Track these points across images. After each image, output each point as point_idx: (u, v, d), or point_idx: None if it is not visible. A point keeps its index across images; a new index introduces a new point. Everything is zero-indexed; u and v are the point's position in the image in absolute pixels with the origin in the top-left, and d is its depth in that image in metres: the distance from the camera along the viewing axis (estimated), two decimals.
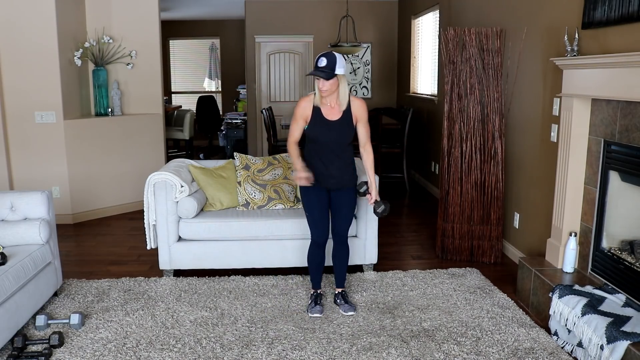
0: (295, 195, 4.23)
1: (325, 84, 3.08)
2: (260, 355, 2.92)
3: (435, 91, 6.79)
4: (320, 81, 3.08)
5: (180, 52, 12.15)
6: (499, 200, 4.33)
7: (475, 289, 3.77)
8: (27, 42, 5.13)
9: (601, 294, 3.02)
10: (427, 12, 7.16)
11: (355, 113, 3.22)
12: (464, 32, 4.26)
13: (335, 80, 3.09)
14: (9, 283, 2.90)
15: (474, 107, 4.28)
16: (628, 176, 3.09)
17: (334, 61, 3.05)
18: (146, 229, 4.02)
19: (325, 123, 3.19)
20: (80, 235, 5.16)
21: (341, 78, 3.12)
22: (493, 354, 2.94)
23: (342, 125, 3.21)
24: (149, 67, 5.99)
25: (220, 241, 3.91)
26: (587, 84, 3.21)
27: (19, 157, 5.29)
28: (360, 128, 3.27)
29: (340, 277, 3.56)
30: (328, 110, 3.20)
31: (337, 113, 3.20)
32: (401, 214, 6.01)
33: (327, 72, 3.04)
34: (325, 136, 3.21)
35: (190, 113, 9.57)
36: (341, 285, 3.56)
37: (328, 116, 3.20)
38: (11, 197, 3.47)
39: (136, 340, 3.08)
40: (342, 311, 3.42)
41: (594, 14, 3.19)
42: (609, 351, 2.59)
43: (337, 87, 3.13)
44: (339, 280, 3.56)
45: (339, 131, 3.21)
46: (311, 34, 8.81)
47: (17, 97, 5.20)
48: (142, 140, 5.95)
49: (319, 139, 3.23)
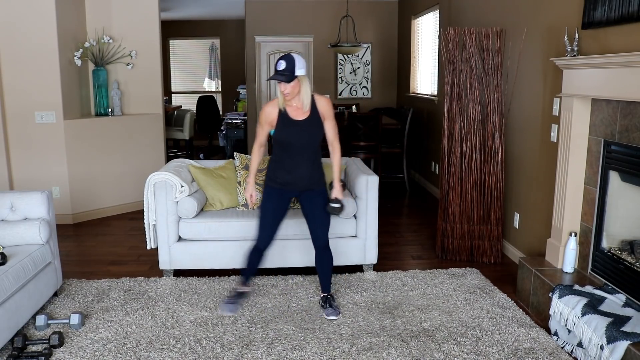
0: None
1: (286, 87, 3.05)
2: (260, 355, 2.92)
3: (435, 91, 6.79)
4: (281, 85, 3.06)
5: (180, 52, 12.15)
6: (499, 200, 4.33)
7: (475, 289, 3.77)
8: (27, 42, 5.14)
9: (601, 294, 3.02)
10: (427, 12, 7.17)
11: (321, 111, 3.20)
12: (464, 32, 4.26)
13: (297, 82, 3.06)
14: (9, 283, 2.90)
15: (474, 107, 4.28)
16: (628, 176, 3.09)
17: (293, 63, 3.02)
18: (146, 229, 4.02)
19: (293, 124, 3.17)
20: (80, 235, 5.16)
21: (302, 79, 3.09)
22: (493, 354, 2.94)
23: (310, 125, 3.19)
24: (149, 67, 5.99)
25: (221, 241, 3.91)
26: (587, 84, 3.21)
27: (19, 157, 5.29)
28: (327, 125, 3.23)
29: (326, 282, 3.50)
30: (294, 112, 3.18)
31: (303, 113, 3.18)
32: (401, 214, 6.01)
33: (287, 75, 3.02)
34: (294, 137, 3.19)
35: (190, 113, 9.58)
36: (327, 289, 3.51)
37: (295, 117, 3.18)
38: (11, 197, 3.47)
39: (136, 340, 3.08)
40: (324, 315, 3.37)
41: (594, 14, 3.19)
42: (609, 351, 2.59)
43: (299, 88, 3.10)
44: (324, 285, 3.50)
45: (308, 131, 3.19)
46: (311, 34, 8.81)
47: (17, 97, 5.20)
48: (142, 140, 5.95)
49: (288, 141, 3.20)
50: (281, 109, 3.18)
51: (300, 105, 3.17)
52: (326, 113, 3.22)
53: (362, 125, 6.50)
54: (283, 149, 3.24)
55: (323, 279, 3.50)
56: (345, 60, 8.94)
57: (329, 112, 3.23)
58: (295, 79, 3.04)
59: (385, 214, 5.48)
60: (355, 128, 6.55)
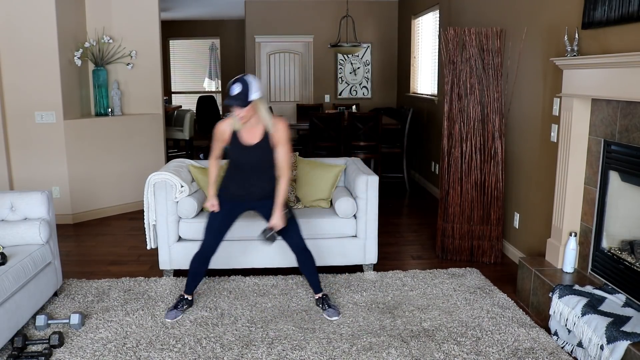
0: (295, 195, 4.23)
1: (241, 112, 3.01)
2: (260, 355, 2.92)
3: (435, 91, 6.79)
4: (236, 109, 3.01)
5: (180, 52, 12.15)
6: (499, 200, 4.33)
7: (475, 289, 3.77)
8: (27, 42, 5.14)
9: (601, 294, 3.02)
10: (427, 12, 7.17)
11: (275, 136, 3.15)
12: (464, 32, 4.26)
13: (252, 106, 3.01)
14: (9, 283, 2.90)
15: (474, 107, 4.28)
16: (628, 176, 3.09)
17: (248, 87, 2.95)
18: (146, 229, 4.03)
19: (242, 148, 3.16)
20: (80, 235, 5.16)
21: (258, 103, 3.04)
22: (493, 354, 2.94)
23: (260, 149, 3.16)
24: (149, 67, 5.99)
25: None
26: (587, 84, 3.21)
27: (19, 157, 5.29)
28: (279, 151, 3.17)
29: (314, 283, 3.48)
30: (247, 134, 3.14)
31: (257, 136, 3.14)
32: (401, 214, 6.01)
33: (241, 100, 2.97)
34: (245, 159, 3.20)
35: (190, 113, 9.58)
36: (318, 290, 3.48)
37: (246, 140, 3.14)
38: (11, 197, 3.47)
39: (136, 340, 3.08)
40: (326, 316, 3.35)
41: (594, 14, 3.19)
42: (609, 351, 2.59)
43: (255, 112, 3.06)
44: (314, 287, 3.49)
45: (257, 155, 3.17)
46: (311, 34, 8.81)
47: (17, 97, 5.20)
48: (142, 140, 5.95)
49: (239, 161, 3.22)
50: (235, 130, 3.15)
51: (257, 127, 3.12)
52: (279, 139, 3.15)
53: (362, 125, 6.50)
54: (235, 166, 3.25)
55: (311, 281, 3.49)
56: (345, 60, 8.94)
57: (283, 138, 3.15)
58: (250, 103, 2.99)
59: (385, 214, 5.48)
60: (355, 128, 6.55)
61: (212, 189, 3.33)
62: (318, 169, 4.28)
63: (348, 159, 4.56)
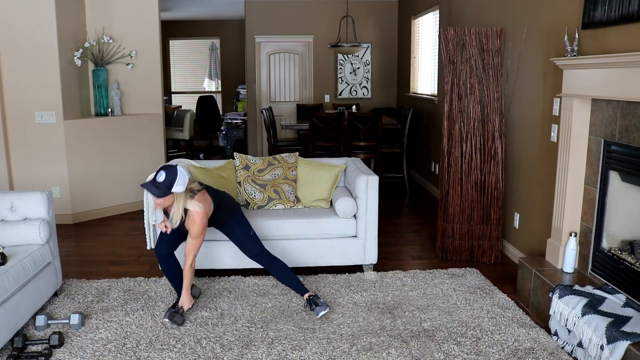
0: (295, 195, 4.23)
1: (157, 201, 3.01)
2: (260, 355, 2.92)
3: (435, 91, 6.79)
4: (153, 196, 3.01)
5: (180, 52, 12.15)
6: (499, 200, 4.33)
7: (475, 289, 3.77)
8: (27, 42, 5.14)
9: (601, 294, 3.01)
10: (427, 12, 7.17)
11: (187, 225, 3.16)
12: (464, 32, 4.26)
13: (171, 197, 3.01)
14: (9, 283, 2.90)
15: (474, 107, 4.28)
16: (628, 176, 3.09)
17: (174, 179, 2.96)
18: (146, 229, 4.03)
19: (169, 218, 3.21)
20: (80, 235, 5.16)
21: (178, 196, 3.04)
22: (493, 354, 2.94)
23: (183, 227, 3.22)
24: (149, 67, 5.99)
25: (221, 241, 3.90)
26: (587, 84, 3.21)
27: (19, 157, 5.29)
28: (187, 239, 3.22)
29: (296, 287, 3.49)
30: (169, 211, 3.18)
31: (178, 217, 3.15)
32: (401, 214, 6.01)
33: (161, 190, 2.96)
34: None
35: (190, 113, 9.58)
36: (303, 291, 3.48)
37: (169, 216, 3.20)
38: (11, 197, 3.47)
39: (136, 340, 3.08)
40: (315, 315, 3.35)
41: (594, 14, 3.19)
42: (609, 351, 2.59)
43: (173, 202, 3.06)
44: (298, 290, 3.49)
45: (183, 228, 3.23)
46: (311, 34, 8.81)
47: (17, 97, 5.20)
48: (142, 140, 5.95)
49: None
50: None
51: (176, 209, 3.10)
52: (190, 231, 3.17)
53: (362, 125, 6.50)
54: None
55: (292, 286, 3.50)
56: (345, 60, 8.94)
57: (192, 230, 3.15)
58: (171, 194, 3.00)
59: (385, 214, 5.48)
60: (355, 128, 6.55)
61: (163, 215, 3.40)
62: (318, 169, 4.28)
63: (348, 159, 4.56)
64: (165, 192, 2.97)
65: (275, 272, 3.51)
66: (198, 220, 3.13)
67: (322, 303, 3.39)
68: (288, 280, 3.51)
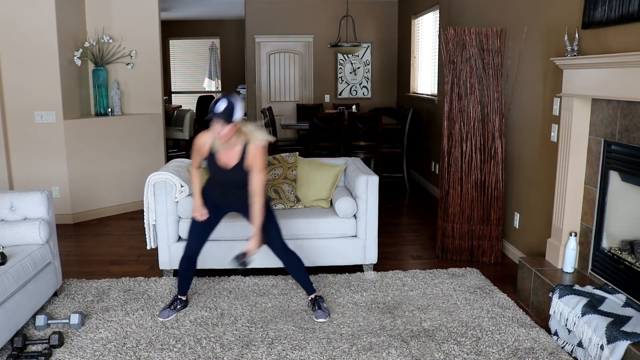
0: (295, 195, 4.23)
1: (224, 129, 2.97)
2: (260, 355, 2.92)
3: (435, 91, 6.79)
4: (217, 127, 2.97)
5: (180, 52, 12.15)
6: (499, 200, 4.33)
7: (475, 289, 3.77)
8: (27, 42, 5.13)
9: (601, 294, 3.01)
10: (427, 12, 7.16)
11: (249, 161, 3.12)
12: (464, 32, 4.26)
13: (234, 125, 2.99)
14: (8, 283, 2.90)
15: (474, 107, 4.28)
16: (628, 176, 3.09)
17: (233, 107, 2.94)
18: (146, 229, 4.02)
19: (218, 169, 3.17)
20: (80, 235, 5.16)
21: (240, 124, 3.04)
22: (493, 354, 2.93)
23: (235, 173, 3.15)
24: (149, 67, 5.99)
25: (221, 241, 3.91)
26: (587, 84, 3.20)
27: (19, 157, 5.28)
28: (252, 177, 3.12)
29: (305, 284, 3.47)
30: (224, 156, 3.13)
31: (234, 160, 3.12)
32: (401, 214, 6.01)
33: (226, 116, 2.93)
34: (220, 177, 3.22)
35: (190, 113, 9.58)
36: (311, 291, 3.47)
37: (223, 163, 3.14)
38: (11, 197, 3.47)
39: (136, 340, 3.08)
40: (314, 318, 3.33)
41: (594, 13, 3.19)
42: (609, 351, 2.59)
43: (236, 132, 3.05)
44: (306, 288, 3.48)
45: (233, 176, 3.17)
46: (311, 34, 8.81)
47: (17, 97, 5.20)
48: (142, 140, 5.95)
49: (215, 176, 3.25)
50: (212, 150, 3.15)
51: (234, 150, 3.11)
52: (253, 165, 3.12)
53: (362, 125, 6.50)
54: (213, 178, 3.28)
55: (301, 283, 3.49)
56: (345, 60, 8.94)
57: (257, 164, 3.10)
58: (233, 122, 2.98)
59: (385, 214, 5.48)
60: (355, 128, 6.55)
61: (199, 199, 3.31)
62: (318, 169, 4.28)
63: (348, 159, 4.56)
64: (230, 119, 2.95)
65: (289, 265, 3.44)
66: (260, 151, 3.11)
67: (326, 309, 3.38)
68: (299, 275, 3.46)
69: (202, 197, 3.31)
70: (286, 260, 3.42)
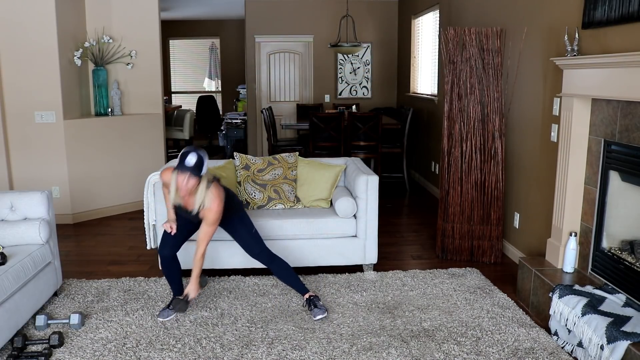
0: (295, 195, 4.23)
1: (190, 182, 3.00)
2: (260, 355, 2.92)
3: (435, 91, 6.79)
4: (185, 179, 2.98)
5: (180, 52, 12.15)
6: (499, 200, 4.32)
7: (475, 289, 3.77)
8: (27, 42, 5.13)
9: (601, 294, 3.01)
10: (427, 12, 7.16)
11: (202, 213, 3.17)
12: (464, 32, 4.26)
13: (198, 180, 3.03)
14: (8, 283, 2.90)
15: (474, 107, 4.28)
16: (628, 176, 3.09)
17: (202, 162, 3.01)
18: (146, 229, 4.03)
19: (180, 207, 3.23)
20: (80, 235, 5.16)
21: (202, 179, 3.07)
22: (493, 354, 2.93)
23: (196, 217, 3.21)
24: (149, 67, 5.99)
25: (221, 241, 3.90)
26: (587, 84, 3.20)
27: (19, 157, 5.29)
28: (201, 227, 3.22)
29: (297, 287, 3.49)
30: (184, 201, 3.17)
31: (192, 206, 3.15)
32: (401, 214, 6.01)
33: (196, 171, 2.99)
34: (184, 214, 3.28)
35: (190, 113, 9.58)
36: (304, 292, 3.47)
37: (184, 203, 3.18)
38: (11, 197, 3.47)
39: (136, 340, 3.08)
40: (312, 316, 3.33)
41: (594, 13, 3.19)
42: (609, 351, 2.59)
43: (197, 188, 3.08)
44: (299, 290, 3.49)
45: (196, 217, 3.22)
46: (311, 34, 8.81)
47: (17, 97, 5.20)
48: (142, 140, 5.95)
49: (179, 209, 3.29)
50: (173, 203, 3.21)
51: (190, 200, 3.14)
52: (206, 218, 3.18)
53: (362, 125, 6.50)
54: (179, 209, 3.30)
55: (293, 285, 3.50)
56: (345, 60, 8.94)
57: (208, 218, 3.17)
58: (199, 177, 3.03)
59: (385, 214, 5.48)
60: (355, 128, 6.55)
61: (171, 214, 3.39)
62: (318, 169, 4.28)
63: (348, 159, 4.56)
64: (198, 174, 3.01)
65: (277, 271, 3.51)
66: (215, 208, 3.15)
67: (322, 306, 3.38)
68: (289, 279, 3.50)
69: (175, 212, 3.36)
70: (274, 268, 3.50)
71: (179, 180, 3.01)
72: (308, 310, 3.42)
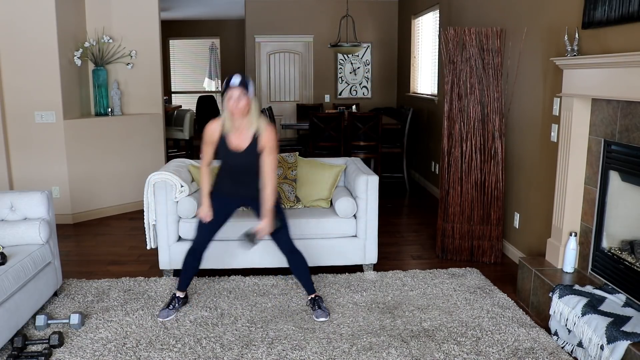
0: (295, 195, 4.23)
1: (242, 100, 3.00)
2: (260, 355, 2.92)
3: (435, 91, 6.79)
4: (233, 99, 3.00)
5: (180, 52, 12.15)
6: (499, 200, 4.32)
7: (475, 289, 3.77)
8: (27, 42, 5.13)
9: (601, 294, 3.01)
10: (427, 12, 7.17)
11: (262, 143, 3.12)
12: (464, 32, 4.26)
13: (249, 100, 3.04)
14: (8, 283, 2.90)
15: (474, 107, 4.28)
16: (628, 176, 3.09)
17: (247, 81, 3.05)
18: (146, 229, 4.03)
19: (229, 153, 3.16)
20: (80, 235, 5.16)
21: (252, 101, 3.08)
22: (493, 354, 2.93)
23: (248, 155, 3.15)
24: (149, 67, 5.99)
25: (220, 241, 3.90)
26: (587, 84, 3.20)
27: (19, 157, 5.28)
28: (264, 158, 3.14)
29: (306, 284, 3.47)
30: (236, 139, 3.13)
31: (245, 142, 3.12)
32: (401, 214, 6.01)
33: (245, 87, 3.02)
34: (233, 162, 3.20)
35: (190, 113, 9.58)
36: (311, 291, 3.46)
37: (234, 146, 3.13)
38: (11, 197, 3.47)
39: (136, 340, 3.08)
40: (314, 317, 3.33)
41: (594, 13, 3.19)
42: (609, 351, 2.59)
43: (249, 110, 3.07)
44: (306, 288, 3.47)
45: (245, 160, 3.16)
46: (311, 34, 8.81)
47: (17, 97, 5.20)
48: (142, 140, 5.95)
49: (228, 164, 3.23)
50: (224, 133, 3.14)
51: (245, 132, 3.11)
52: (267, 146, 3.13)
53: (362, 125, 6.50)
54: (225, 166, 3.26)
55: (303, 282, 3.48)
56: (345, 60, 8.94)
57: (270, 146, 3.13)
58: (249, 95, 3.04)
59: (385, 214, 5.48)
60: (355, 128, 6.55)
61: (207, 200, 3.28)
62: (318, 169, 4.28)
63: (348, 159, 4.56)
64: (248, 92, 3.03)
65: (293, 263, 3.43)
66: (271, 133, 3.14)
67: (325, 309, 3.38)
68: (302, 275, 3.45)
69: (212, 193, 3.29)
70: (291, 259, 3.41)
71: (231, 101, 3.00)
72: (311, 310, 3.41)
